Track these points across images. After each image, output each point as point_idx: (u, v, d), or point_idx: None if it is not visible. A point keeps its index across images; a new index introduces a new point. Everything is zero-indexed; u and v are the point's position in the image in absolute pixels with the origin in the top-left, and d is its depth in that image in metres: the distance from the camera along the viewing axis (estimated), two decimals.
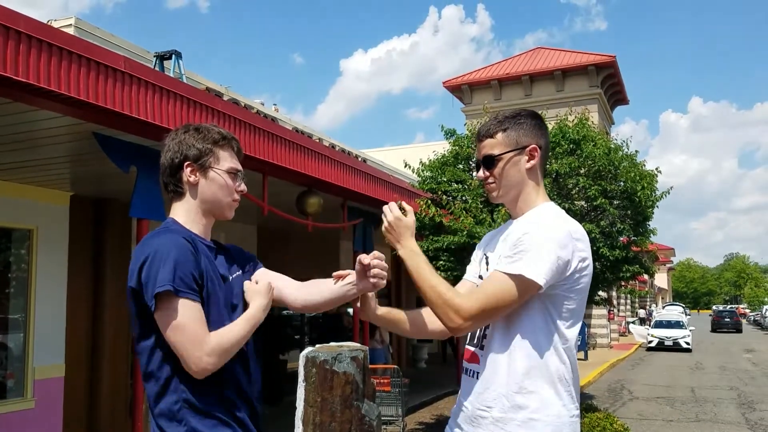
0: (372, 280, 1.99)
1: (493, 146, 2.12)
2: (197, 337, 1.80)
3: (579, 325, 2.05)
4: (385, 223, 2.09)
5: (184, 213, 2.01)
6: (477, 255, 2.27)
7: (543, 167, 2.17)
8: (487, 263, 2.16)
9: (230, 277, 2.02)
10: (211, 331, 1.85)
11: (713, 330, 43.92)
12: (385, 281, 2.01)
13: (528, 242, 1.94)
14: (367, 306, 2.14)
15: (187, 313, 1.80)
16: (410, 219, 2.09)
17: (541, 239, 1.93)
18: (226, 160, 2.03)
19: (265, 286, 2.03)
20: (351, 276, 2.04)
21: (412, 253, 2.05)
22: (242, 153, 2.12)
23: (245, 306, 2.00)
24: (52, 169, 6.49)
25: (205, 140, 2.01)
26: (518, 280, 1.91)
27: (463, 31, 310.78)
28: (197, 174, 1.99)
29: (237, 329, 1.90)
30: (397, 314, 2.25)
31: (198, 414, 1.84)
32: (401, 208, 2.11)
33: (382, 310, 2.19)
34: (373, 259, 1.98)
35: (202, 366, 1.80)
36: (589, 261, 2.02)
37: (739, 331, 43.06)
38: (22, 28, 3.91)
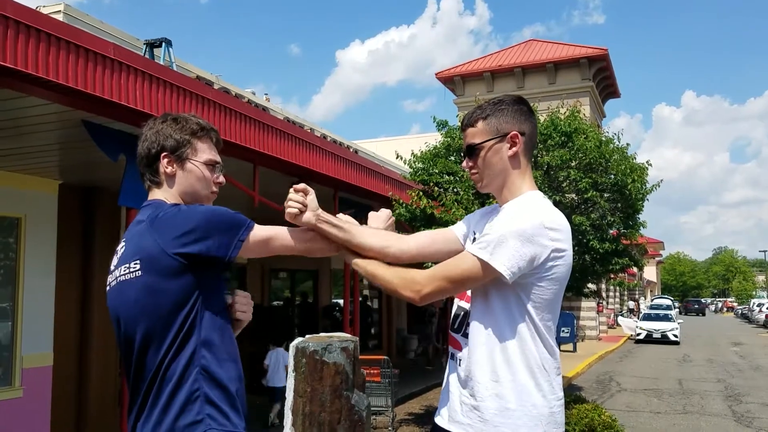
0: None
1: (474, 135, 2.09)
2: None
3: (557, 314, 2.05)
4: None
5: (164, 200, 1.96)
6: (463, 228, 2.25)
7: (528, 154, 2.12)
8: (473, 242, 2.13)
9: None
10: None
11: (683, 313, 58.21)
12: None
13: (496, 231, 1.94)
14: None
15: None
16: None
17: (508, 230, 1.92)
18: (204, 151, 1.99)
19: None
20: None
21: (362, 262, 2.10)
22: (221, 144, 2.09)
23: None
24: (40, 157, 6.42)
25: (183, 131, 1.97)
26: (483, 264, 1.92)
27: (462, 23, 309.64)
28: (174, 165, 1.96)
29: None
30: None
31: (215, 387, 1.81)
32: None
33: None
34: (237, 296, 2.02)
35: None
36: (566, 251, 1.99)
37: (702, 314, 61.91)
38: (9, 14, 3.86)
